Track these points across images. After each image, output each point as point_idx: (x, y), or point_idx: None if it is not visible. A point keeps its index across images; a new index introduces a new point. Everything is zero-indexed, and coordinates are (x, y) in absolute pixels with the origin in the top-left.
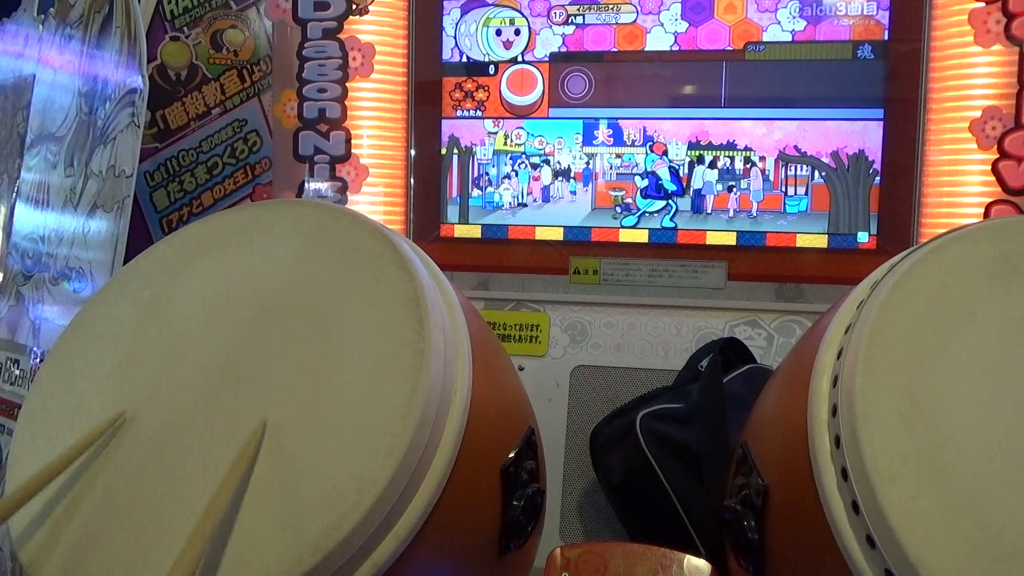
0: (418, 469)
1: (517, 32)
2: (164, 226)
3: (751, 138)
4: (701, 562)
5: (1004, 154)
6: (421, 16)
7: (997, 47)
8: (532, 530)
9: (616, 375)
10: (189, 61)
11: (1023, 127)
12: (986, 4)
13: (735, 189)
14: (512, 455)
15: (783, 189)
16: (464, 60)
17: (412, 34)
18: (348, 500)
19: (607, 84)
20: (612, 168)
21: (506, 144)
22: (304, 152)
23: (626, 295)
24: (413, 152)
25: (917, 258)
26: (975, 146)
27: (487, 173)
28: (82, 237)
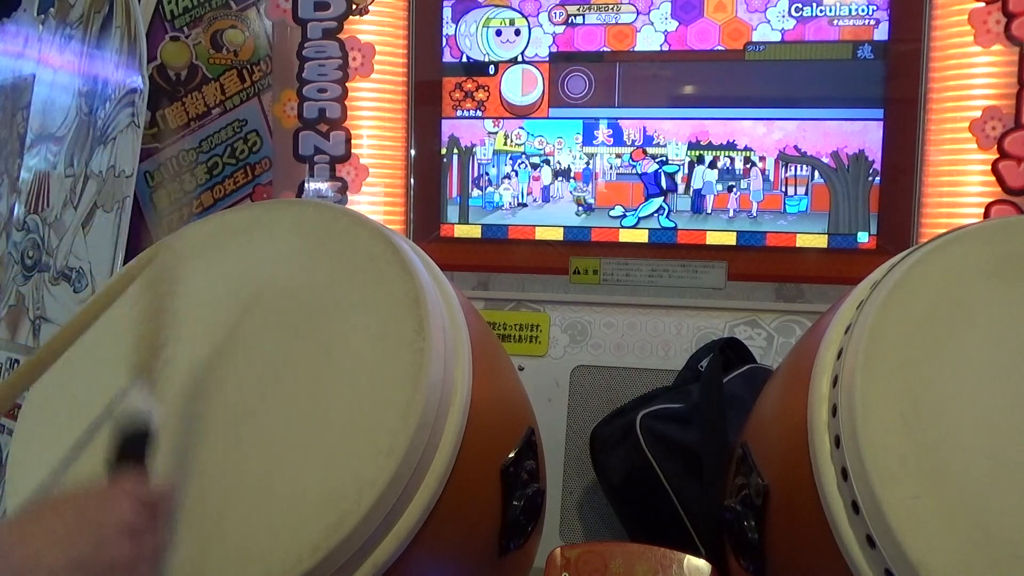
0: (418, 469)
1: (517, 32)
2: (164, 226)
3: (751, 138)
4: (701, 562)
5: (1004, 154)
6: (421, 16)
7: (997, 47)
8: (532, 530)
9: (616, 375)
10: (189, 61)
11: (1023, 127)
12: (986, 4)
13: (735, 189)
14: (512, 455)
15: (783, 189)
16: (464, 60)
17: (412, 34)
18: (348, 500)
19: (607, 84)
20: (612, 168)
21: (506, 144)
22: (304, 152)
23: (626, 295)
24: (413, 152)
25: (917, 258)
26: (975, 146)
27: (487, 173)
28: (82, 237)
